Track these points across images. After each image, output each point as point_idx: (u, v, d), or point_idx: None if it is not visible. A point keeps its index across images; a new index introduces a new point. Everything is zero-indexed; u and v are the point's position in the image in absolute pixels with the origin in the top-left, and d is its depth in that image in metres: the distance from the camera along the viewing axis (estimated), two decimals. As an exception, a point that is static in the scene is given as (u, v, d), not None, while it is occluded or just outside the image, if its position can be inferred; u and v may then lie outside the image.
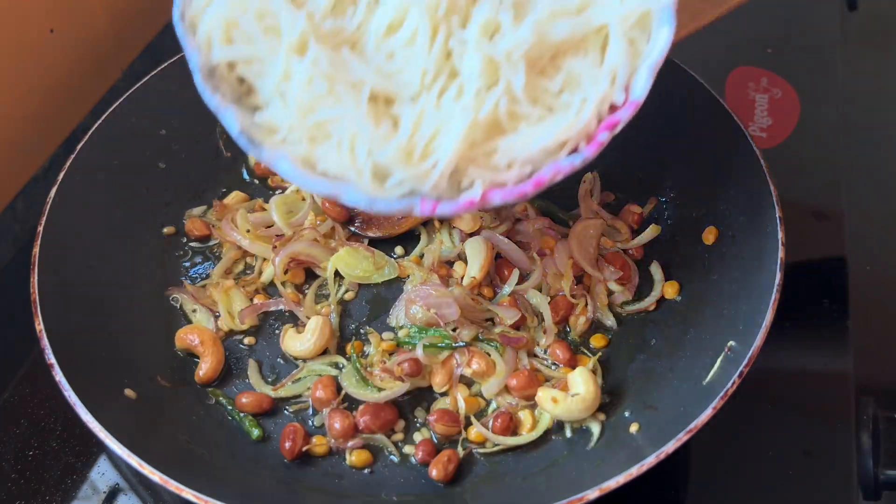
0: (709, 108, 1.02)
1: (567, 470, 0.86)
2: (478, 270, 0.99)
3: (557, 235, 1.03)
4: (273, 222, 1.05)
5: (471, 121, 0.74)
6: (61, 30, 1.16)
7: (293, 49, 0.76)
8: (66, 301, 0.90)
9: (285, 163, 0.77)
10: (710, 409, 0.79)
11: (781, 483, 0.91)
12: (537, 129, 0.76)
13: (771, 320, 0.84)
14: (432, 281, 0.99)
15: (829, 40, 1.36)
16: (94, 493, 0.91)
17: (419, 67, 0.76)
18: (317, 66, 0.75)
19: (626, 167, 1.10)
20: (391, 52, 0.77)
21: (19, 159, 1.14)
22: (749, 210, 0.95)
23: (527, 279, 1.00)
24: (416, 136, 0.75)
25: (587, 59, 0.78)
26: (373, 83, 0.76)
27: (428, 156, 0.75)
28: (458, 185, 0.76)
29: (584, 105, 0.77)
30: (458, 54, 0.76)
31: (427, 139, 0.75)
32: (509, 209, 1.07)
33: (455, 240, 1.04)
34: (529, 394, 0.91)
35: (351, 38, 0.78)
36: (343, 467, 0.89)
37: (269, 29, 0.76)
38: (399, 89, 0.76)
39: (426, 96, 0.76)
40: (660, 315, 0.99)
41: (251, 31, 0.76)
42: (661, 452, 0.77)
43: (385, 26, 0.77)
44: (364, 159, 0.75)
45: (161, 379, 0.93)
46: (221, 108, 0.77)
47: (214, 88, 0.77)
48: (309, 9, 0.77)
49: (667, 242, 1.04)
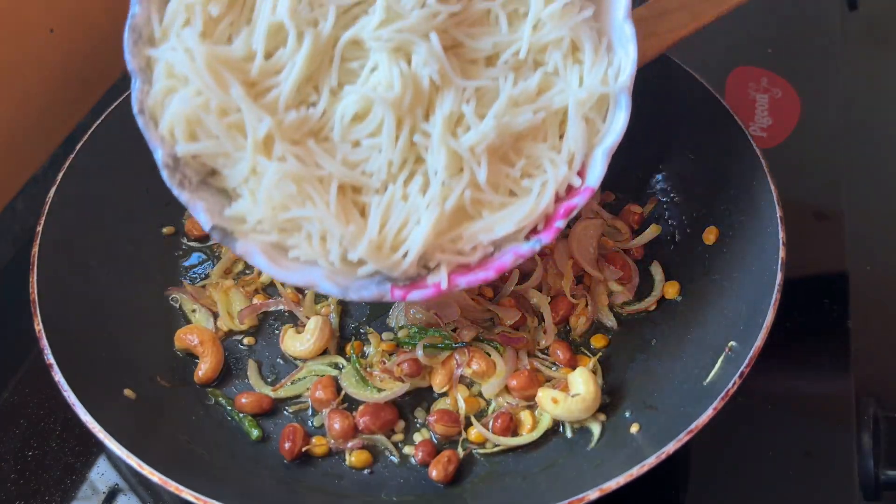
0: (709, 107, 1.02)
1: (567, 470, 0.86)
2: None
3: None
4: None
5: (438, 215, 0.78)
6: (61, 30, 1.15)
7: (259, 148, 0.77)
8: (66, 301, 0.90)
9: (259, 258, 0.79)
10: (710, 409, 0.79)
11: (782, 483, 0.91)
12: (500, 214, 0.81)
13: (772, 320, 0.84)
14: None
15: (830, 40, 1.36)
16: (93, 494, 0.91)
17: (385, 159, 0.79)
18: (284, 164, 0.76)
19: (627, 167, 1.10)
20: (357, 141, 0.79)
21: (19, 159, 1.14)
22: (749, 210, 0.95)
23: (527, 279, 1.00)
24: (386, 229, 0.79)
25: (546, 144, 0.82)
26: (340, 177, 0.78)
27: (398, 247, 0.79)
28: (426, 265, 0.80)
29: (544, 189, 0.81)
30: (423, 146, 0.79)
31: (396, 231, 0.79)
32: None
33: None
34: (529, 394, 0.91)
35: (316, 126, 0.79)
36: (343, 468, 0.89)
37: (232, 126, 0.77)
38: (366, 180, 0.79)
39: (392, 187, 0.80)
40: (660, 315, 0.99)
41: (214, 128, 0.77)
42: (662, 453, 0.77)
43: (350, 115, 0.79)
44: (336, 253, 0.78)
45: (160, 379, 0.93)
46: (191, 204, 0.79)
47: (181, 180, 0.79)
48: (271, 98, 0.78)
49: (667, 242, 1.04)
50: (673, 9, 1.07)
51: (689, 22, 1.06)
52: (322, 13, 0.77)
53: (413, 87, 0.77)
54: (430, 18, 0.77)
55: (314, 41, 0.77)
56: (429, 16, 0.77)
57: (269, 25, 0.77)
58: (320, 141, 0.79)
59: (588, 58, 0.81)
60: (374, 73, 0.78)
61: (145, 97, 0.78)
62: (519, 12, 0.81)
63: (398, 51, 0.77)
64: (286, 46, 0.77)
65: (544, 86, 0.81)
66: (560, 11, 0.79)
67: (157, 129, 0.78)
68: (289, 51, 0.77)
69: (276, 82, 0.78)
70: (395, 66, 0.77)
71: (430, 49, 0.77)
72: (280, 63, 0.78)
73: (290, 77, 0.77)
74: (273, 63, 0.78)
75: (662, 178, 1.08)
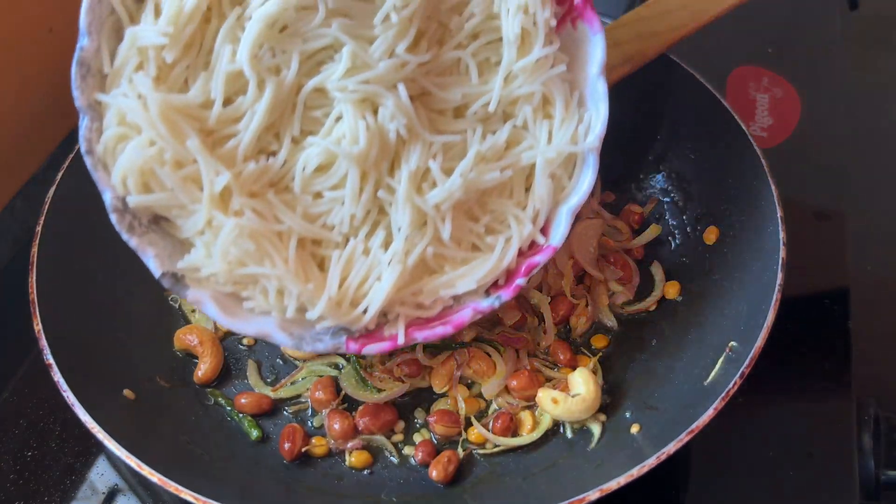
0: (709, 107, 1.02)
1: (567, 471, 0.86)
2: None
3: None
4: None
5: (400, 271, 0.77)
6: (60, 29, 1.15)
7: (215, 202, 0.74)
8: (65, 301, 0.90)
9: (211, 307, 0.78)
10: (711, 409, 0.79)
11: (782, 484, 0.90)
12: (461, 270, 0.80)
13: (772, 321, 0.84)
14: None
15: (830, 40, 1.36)
16: (93, 494, 0.91)
17: (348, 212, 0.77)
18: (241, 219, 0.74)
19: (627, 167, 1.10)
20: (318, 192, 0.77)
21: (18, 159, 1.13)
22: (750, 210, 0.95)
23: (527, 279, 1.00)
24: (346, 284, 0.78)
25: (512, 200, 0.81)
26: (300, 231, 0.76)
27: (357, 302, 0.78)
28: (385, 317, 0.80)
29: (508, 246, 0.81)
30: (387, 201, 0.77)
31: (356, 286, 0.78)
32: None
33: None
34: (530, 394, 0.91)
35: (276, 176, 0.77)
36: (342, 468, 0.89)
37: (188, 178, 0.74)
38: (326, 234, 0.77)
39: (354, 241, 0.78)
40: (660, 315, 0.99)
41: (169, 181, 0.74)
42: (662, 453, 0.77)
43: (313, 167, 0.76)
44: (293, 309, 0.76)
45: (160, 379, 0.93)
46: (140, 250, 0.77)
47: (131, 223, 0.77)
48: (229, 148, 0.75)
49: (667, 242, 1.04)
50: (673, 8, 1.07)
51: (689, 21, 1.05)
52: (285, 60, 0.74)
53: (379, 142, 0.75)
54: (399, 69, 0.75)
55: (276, 89, 0.74)
56: (397, 66, 0.74)
57: (228, 73, 0.74)
58: (280, 191, 0.77)
59: (559, 113, 0.80)
60: (338, 124, 0.76)
61: (94, 136, 0.75)
62: (490, 61, 0.79)
63: (364, 102, 0.75)
64: (246, 94, 0.74)
65: (513, 140, 0.80)
66: (533, 66, 0.77)
67: (107, 173, 0.75)
68: (249, 99, 0.74)
69: (234, 131, 0.75)
70: (360, 119, 0.74)
71: (397, 102, 0.75)
72: (239, 111, 0.75)
73: (249, 126, 0.74)
74: (232, 111, 0.75)
75: (662, 178, 1.08)
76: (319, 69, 0.76)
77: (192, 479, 0.79)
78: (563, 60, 0.80)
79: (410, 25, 0.74)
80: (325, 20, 0.73)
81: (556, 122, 0.80)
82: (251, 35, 0.73)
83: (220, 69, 0.74)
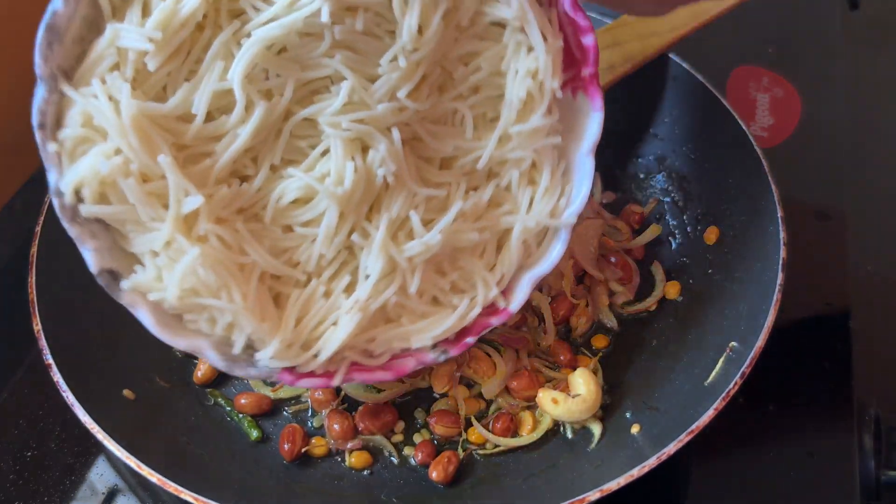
0: (710, 107, 1.02)
1: (567, 471, 0.86)
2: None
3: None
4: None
5: (360, 320, 0.74)
6: (60, 29, 1.15)
7: (179, 225, 0.68)
8: (64, 301, 0.90)
9: (145, 317, 0.71)
10: (711, 409, 0.79)
11: (782, 483, 0.90)
12: (419, 325, 0.77)
13: (773, 321, 0.83)
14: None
15: (831, 39, 1.36)
16: (92, 494, 0.91)
17: (317, 251, 0.73)
18: (204, 247, 0.68)
19: (627, 167, 1.10)
20: (289, 226, 0.74)
21: (17, 159, 1.13)
22: (750, 210, 0.95)
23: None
24: (301, 325, 0.74)
25: (483, 261, 0.80)
26: (264, 266, 0.72)
27: (310, 346, 0.74)
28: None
29: (471, 307, 0.78)
30: (359, 245, 0.74)
31: (311, 329, 0.74)
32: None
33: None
34: (530, 395, 0.91)
35: (247, 203, 0.73)
36: (342, 469, 0.89)
37: (152, 194, 0.68)
38: (290, 271, 0.74)
39: (316, 281, 0.74)
40: (661, 315, 0.99)
41: (131, 195, 0.67)
42: (663, 453, 0.77)
43: (289, 200, 0.73)
44: (240, 345, 0.72)
45: (160, 379, 0.92)
46: (79, 241, 0.71)
47: (73, 212, 0.70)
48: (202, 168, 0.70)
49: (667, 242, 1.04)
50: (673, 7, 1.07)
51: (689, 21, 1.06)
52: (279, 85, 0.70)
53: (364, 185, 0.72)
54: (396, 113, 0.72)
55: (265, 115, 0.69)
56: (395, 110, 0.72)
57: (215, 90, 0.69)
58: (248, 219, 0.73)
59: (543, 182, 0.78)
60: (323, 158, 0.72)
61: (49, 109, 0.69)
62: (486, 116, 0.78)
63: (355, 141, 0.72)
64: (231, 114, 0.69)
65: (494, 201, 0.79)
66: (530, 132, 0.76)
67: (58, 163, 0.69)
68: (234, 120, 0.69)
69: (210, 150, 0.70)
70: (349, 159, 0.71)
71: (390, 148, 0.72)
72: (220, 130, 0.70)
73: (230, 148, 0.70)
74: (212, 128, 0.70)
75: (662, 178, 1.08)
76: (313, 98, 0.72)
77: (192, 480, 0.79)
78: (559, 130, 0.79)
79: (417, 70, 0.72)
80: (328, 50, 0.70)
81: (539, 191, 0.79)
82: (247, 55, 0.68)
83: (207, 85, 0.69)
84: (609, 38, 1.07)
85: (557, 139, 0.78)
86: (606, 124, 0.79)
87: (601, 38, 1.07)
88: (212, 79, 0.69)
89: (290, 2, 0.68)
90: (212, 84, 0.69)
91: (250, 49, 0.68)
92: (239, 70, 0.68)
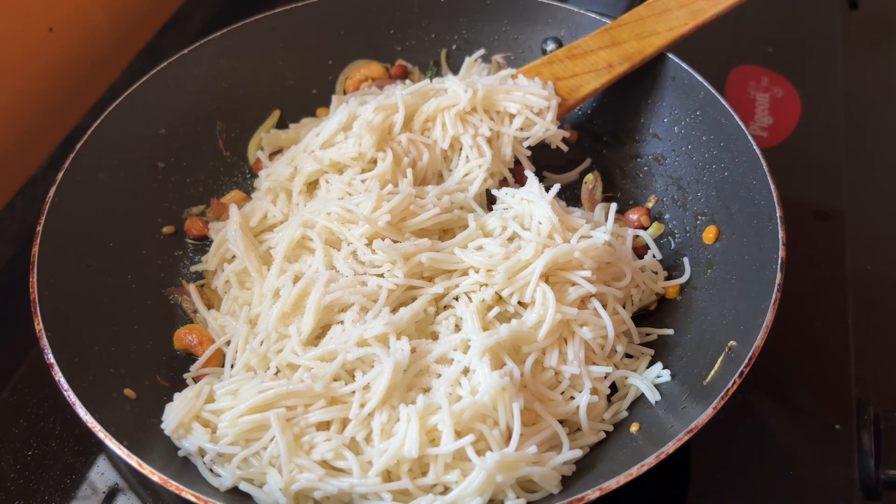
0: (709, 106, 1.02)
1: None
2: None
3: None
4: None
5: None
6: (60, 29, 1.15)
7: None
8: (66, 301, 0.90)
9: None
10: (710, 408, 0.79)
11: (782, 483, 0.90)
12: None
13: (772, 320, 0.83)
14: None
15: (830, 39, 1.36)
16: (93, 493, 0.91)
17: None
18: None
19: (628, 166, 1.10)
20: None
21: (18, 159, 1.14)
22: (749, 210, 0.95)
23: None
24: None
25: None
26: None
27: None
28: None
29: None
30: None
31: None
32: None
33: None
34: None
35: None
36: (343, 467, 0.89)
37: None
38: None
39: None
40: (660, 315, 0.99)
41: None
42: (662, 452, 0.77)
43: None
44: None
45: (160, 379, 0.93)
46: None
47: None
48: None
49: (667, 242, 1.04)
50: (673, 7, 1.07)
51: (688, 20, 1.06)
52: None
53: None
54: None
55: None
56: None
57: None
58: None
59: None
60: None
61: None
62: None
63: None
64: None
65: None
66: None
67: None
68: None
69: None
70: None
71: None
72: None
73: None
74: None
75: (663, 178, 1.08)
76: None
77: (193, 479, 0.79)
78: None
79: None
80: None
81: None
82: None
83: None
84: (608, 38, 1.07)
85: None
86: (607, 124, 0.79)
87: (600, 37, 1.08)
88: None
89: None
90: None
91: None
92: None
